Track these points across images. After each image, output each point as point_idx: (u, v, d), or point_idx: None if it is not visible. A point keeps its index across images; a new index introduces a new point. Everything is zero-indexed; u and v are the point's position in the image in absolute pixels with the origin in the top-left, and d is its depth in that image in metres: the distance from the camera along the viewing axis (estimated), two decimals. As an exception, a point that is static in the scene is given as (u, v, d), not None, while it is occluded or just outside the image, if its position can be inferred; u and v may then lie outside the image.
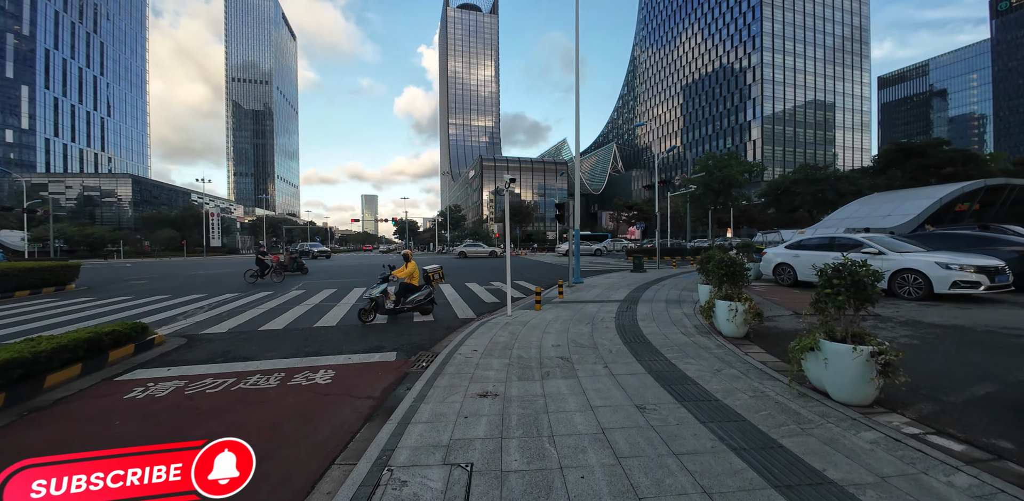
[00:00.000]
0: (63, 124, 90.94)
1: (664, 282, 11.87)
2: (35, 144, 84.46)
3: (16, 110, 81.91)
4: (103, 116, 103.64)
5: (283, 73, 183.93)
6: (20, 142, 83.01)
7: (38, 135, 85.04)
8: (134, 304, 10.21)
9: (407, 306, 7.70)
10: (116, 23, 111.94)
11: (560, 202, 11.17)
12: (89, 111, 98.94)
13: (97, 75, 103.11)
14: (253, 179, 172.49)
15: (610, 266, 20.72)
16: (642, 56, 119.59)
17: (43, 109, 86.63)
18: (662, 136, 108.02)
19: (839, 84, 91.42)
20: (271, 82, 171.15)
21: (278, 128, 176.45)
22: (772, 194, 29.48)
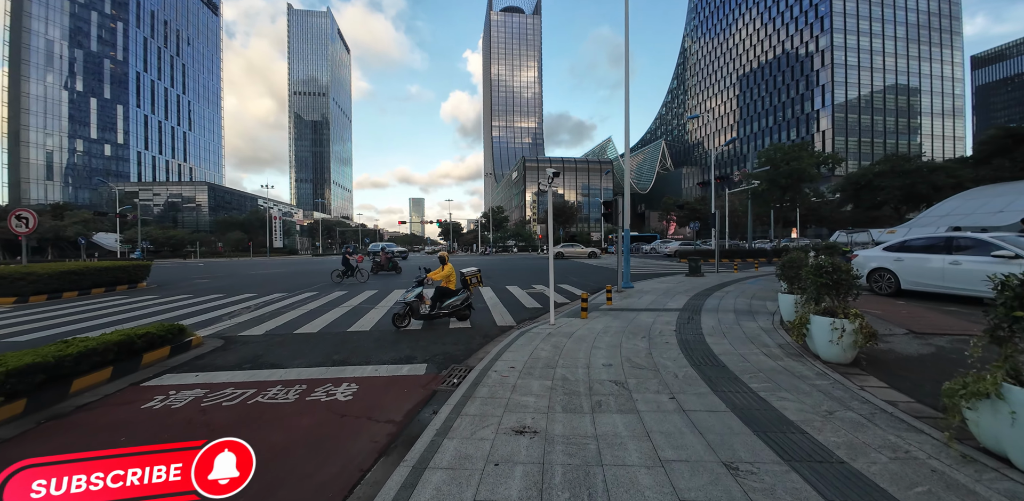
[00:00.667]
0: (152, 138, 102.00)
1: (727, 288, 10.55)
2: (128, 156, 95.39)
3: (113, 127, 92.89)
4: (185, 130, 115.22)
5: (338, 85, 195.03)
6: (116, 155, 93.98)
7: (131, 149, 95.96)
8: (190, 302, 10.61)
9: (443, 312, 7.21)
10: (195, 46, 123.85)
11: (608, 200, 10.25)
12: (173, 126, 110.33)
13: (180, 94, 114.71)
14: (312, 185, 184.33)
15: (661, 269, 19.26)
16: (693, 47, 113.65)
17: (135, 125, 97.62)
18: (716, 130, 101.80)
19: (925, 65, 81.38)
20: (328, 94, 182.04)
21: (334, 136, 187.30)
22: (850, 189, 25.99)
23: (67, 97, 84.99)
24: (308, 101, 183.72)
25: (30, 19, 79.56)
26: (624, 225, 10.68)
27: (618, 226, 10.36)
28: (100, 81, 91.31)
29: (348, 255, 15.53)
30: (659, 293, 9.93)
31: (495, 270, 20.37)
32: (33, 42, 79.71)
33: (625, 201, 10.62)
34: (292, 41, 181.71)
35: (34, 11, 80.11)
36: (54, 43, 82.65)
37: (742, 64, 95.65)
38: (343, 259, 15.29)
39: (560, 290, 11.69)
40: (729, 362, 4.35)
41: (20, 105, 79.19)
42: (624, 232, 10.76)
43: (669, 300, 8.79)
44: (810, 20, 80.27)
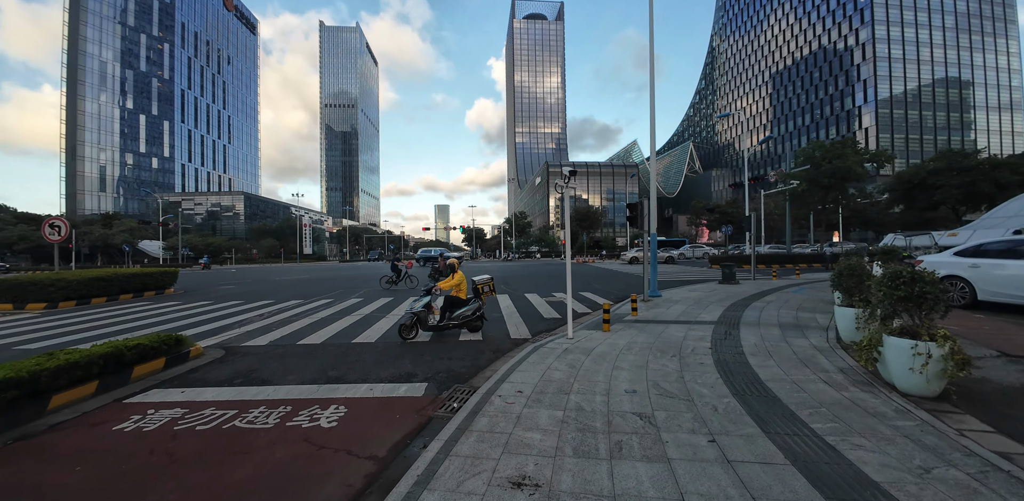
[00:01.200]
0: (195, 151, 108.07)
1: (767, 298, 9.57)
2: (174, 169, 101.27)
3: (159, 141, 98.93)
4: (224, 143, 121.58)
5: (367, 96, 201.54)
6: (162, 167, 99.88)
7: (176, 161, 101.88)
8: (208, 309, 10.59)
9: (453, 323, 6.72)
10: (235, 64, 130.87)
11: (632, 202, 9.53)
12: (214, 139, 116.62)
13: (220, 109, 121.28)
14: (341, 193, 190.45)
15: (691, 275, 18.16)
16: (722, 45, 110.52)
17: (180, 139, 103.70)
18: (747, 131, 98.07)
19: (977, 56, 75.83)
20: (357, 105, 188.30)
21: (362, 146, 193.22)
22: (901, 189, 23.78)
23: (119, 114, 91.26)
24: (338, 113, 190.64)
25: (85, 42, 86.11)
26: (651, 229, 9.92)
27: (644, 230, 9.61)
28: (148, 99, 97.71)
29: (396, 262, 15.47)
30: (690, 303, 9.09)
31: (515, 277, 19.82)
32: (88, 64, 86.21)
33: (651, 203, 9.87)
34: (324, 56, 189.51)
35: (89, 35, 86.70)
36: (107, 64, 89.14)
37: (775, 61, 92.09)
38: (392, 265, 15.21)
39: (581, 299, 10.99)
40: (781, 391, 3.61)
41: (76, 122, 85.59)
42: (650, 236, 10.00)
43: (702, 311, 7.97)
44: (848, 12, 76.52)
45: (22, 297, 10.64)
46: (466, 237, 77.67)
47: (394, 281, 14.87)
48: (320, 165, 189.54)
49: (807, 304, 8.36)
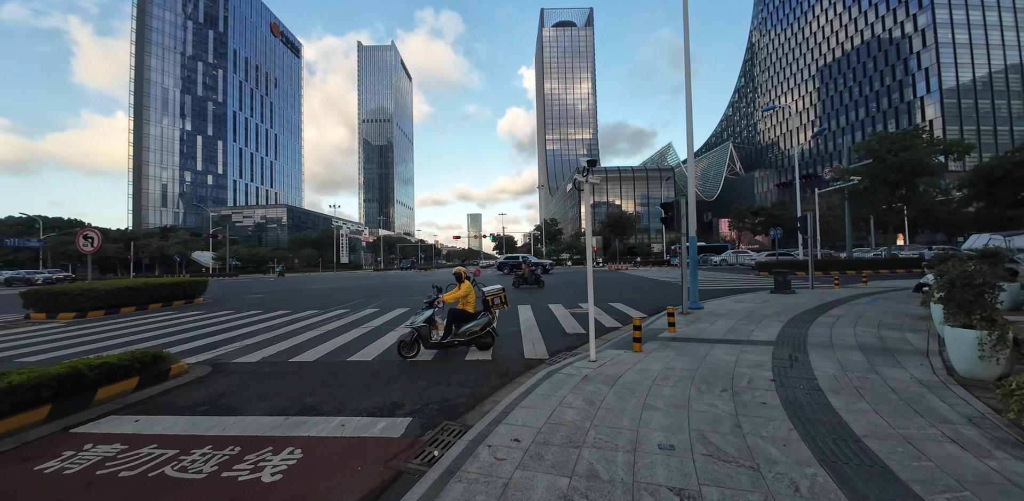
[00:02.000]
0: (245, 168, 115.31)
1: (834, 311, 8.09)
2: (226, 184, 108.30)
3: (214, 159, 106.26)
4: (271, 160, 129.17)
5: (401, 110, 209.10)
6: (216, 184, 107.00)
7: (228, 178, 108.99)
8: (225, 319, 10.39)
9: (459, 340, 5.91)
10: (280, 86, 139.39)
11: (667, 202, 8.42)
12: (262, 156, 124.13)
13: (267, 128, 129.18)
14: (377, 204, 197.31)
15: (736, 283, 16.46)
16: (762, 41, 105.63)
17: (232, 157, 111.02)
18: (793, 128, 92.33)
19: (1060, 36, 67.93)
20: (392, 120, 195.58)
21: (397, 159, 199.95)
22: (980, 184, 20.70)
23: (178, 136, 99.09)
24: (375, 127, 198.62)
25: (149, 71, 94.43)
26: (689, 231, 8.73)
27: (681, 232, 8.45)
28: (204, 121, 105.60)
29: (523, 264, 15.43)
30: (738, 316, 7.80)
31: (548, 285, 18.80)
32: (152, 91, 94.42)
33: (690, 203, 8.71)
34: (361, 74, 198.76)
35: (153, 64, 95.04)
36: (168, 90, 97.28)
37: (822, 53, 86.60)
38: (515, 267, 14.95)
39: (611, 310, 9.88)
40: (891, 458, 2.48)
41: (142, 144, 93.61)
42: (689, 239, 8.80)
43: (754, 327, 6.70)
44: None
45: (54, 307, 10.88)
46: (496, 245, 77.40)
47: (523, 280, 14.60)
48: (358, 178, 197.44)
49: (889, 319, 6.88)
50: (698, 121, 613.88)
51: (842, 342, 5.41)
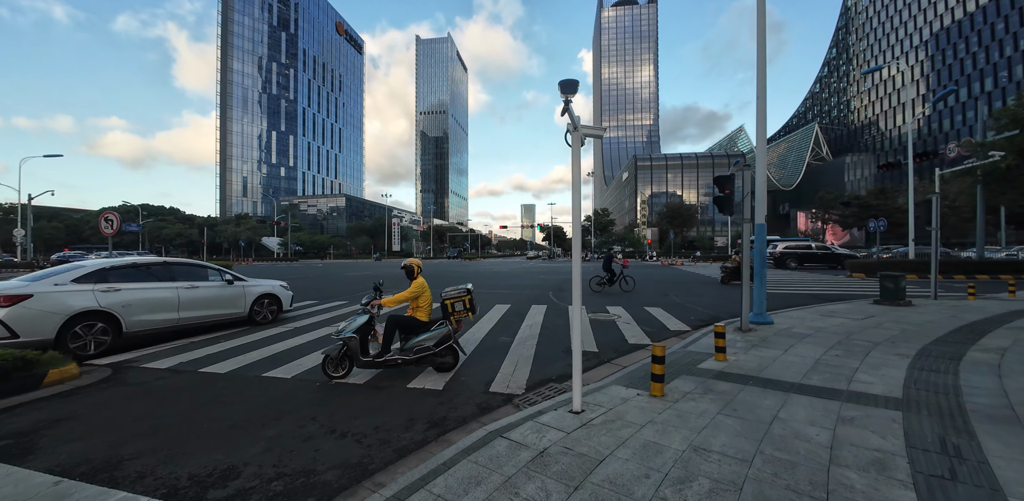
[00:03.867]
0: (312, 160, 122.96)
1: (989, 341, 5.33)
2: (297, 176, 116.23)
3: (286, 153, 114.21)
4: (336, 153, 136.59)
5: (456, 102, 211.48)
6: (288, 176, 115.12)
7: (299, 170, 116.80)
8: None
9: (403, 357, 4.28)
10: (344, 82, 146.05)
11: (724, 175, 6.06)
12: (328, 149, 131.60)
13: (332, 122, 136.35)
14: (433, 194, 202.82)
15: (823, 287, 13.19)
16: (861, 2, 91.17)
17: (302, 151, 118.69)
18: (895, 105, 79.11)
19: None
20: (448, 111, 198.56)
21: (452, 149, 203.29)
22: None
23: (256, 132, 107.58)
24: (431, 119, 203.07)
25: (232, 73, 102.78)
26: (756, 216, 6.31)
27: (744, 218, 6.07)
28: (278, 118, 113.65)
29: (611, 260, 12.73)
30: (829, 341, 5.35)
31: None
32: (235, 91, 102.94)
33: (758, 180, 6.27)
34: (419, 68, 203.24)
35: (235, 67, 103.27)
36: (248, 90, 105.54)
37: (937, 14, 72.71)
38: (604, 263, 12.58)
39: (644, 318, 7.70)
40: None
41: (227, 141, 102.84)
42: (756, 227, 6.37)
43: (858, 364, 4.32)
44: (1062, -66, 57.18)
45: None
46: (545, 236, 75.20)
47: (606, 282, 12.20)
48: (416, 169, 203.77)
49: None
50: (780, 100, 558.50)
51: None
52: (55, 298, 5.22)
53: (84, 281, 5.60)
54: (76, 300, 5.36)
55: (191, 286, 6.64)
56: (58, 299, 5.23)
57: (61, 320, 5.16)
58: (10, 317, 4.86)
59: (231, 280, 7.27)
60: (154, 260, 6.61)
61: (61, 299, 5.26)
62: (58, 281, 5.44)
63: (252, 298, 7.49)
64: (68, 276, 5.56)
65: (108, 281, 5.82)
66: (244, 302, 7.35)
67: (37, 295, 5.10)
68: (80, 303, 5.37)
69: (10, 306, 4.89)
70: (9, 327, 4.84)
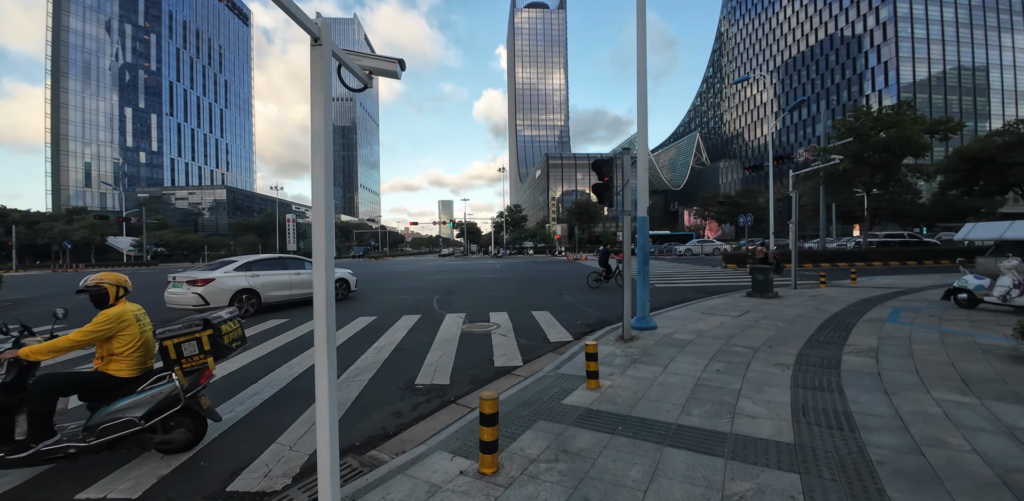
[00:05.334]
0: (184, 145, 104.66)
1: (859, 340, 5.23)
2: (162, 163, 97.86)
3: (147, 135, 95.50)
4: (217, 138, 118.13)
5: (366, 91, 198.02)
6: (151, 162, 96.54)
7: (165, 156, 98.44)
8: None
9: (77, 445, 2.47)
10: (227, 56, 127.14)
11: (603, 160, 5.20)
12: (205, 133, 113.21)
13: (211, 102, 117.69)
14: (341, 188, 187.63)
15: (705, 279, 13.75)
16: (730, 30, 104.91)
17: (168, 133, 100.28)
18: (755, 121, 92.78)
19: (1005, 37, 70.41)
20: (355, 98, 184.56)
21: (361, 141, 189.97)
22: (962, 169, 19.01)
23: (103, 107, 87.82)
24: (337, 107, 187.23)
25: (68, 33, 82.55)
26: (638, 209, 5.59)
27: (620, 212, 5.27)
28: (135, 92, 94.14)
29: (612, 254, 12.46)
30: (710, 349, 4.76)
31: (475, 281, 15.49)
32: (73, 56, 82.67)
33: (640, 171, 5.56)
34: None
35: (72, 25, 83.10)
36: (91, 56, 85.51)
37: (786, 45, 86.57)
38: (601, 258, 12.20)
39: (526, 327, 6.66)
40: None
41: (60, 116, 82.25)
42: (638, 220, 5.65)
43: (739, 382, 3.63)
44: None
45: None
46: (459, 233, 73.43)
47: (603, 278, 11.94)
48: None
49: (971, 366, 3.99)
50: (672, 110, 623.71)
51: (944, 449, 2.38)
52: (226, 280, 8.18)
53: (240, 270, 8.53)
54: (237, 281, 8.30)
55: (296, 273, 9.39)
56: (228, 281, 8.20)
57: (230, 294, 8.09)
58: (205, 292, 7.80)
59: None
60: (275, 256, 9.55)
61: (229, 281, 8.22)
62: (226, 270, 8.35)
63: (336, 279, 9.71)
64: (231, 267, 8.51)
65: (252, 270, 8.72)
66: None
67: (217, 278, 8.08)
68: (240, 283, 8.30)
69: (204, 285, 7.86)
70: (204, 298, 7.74)
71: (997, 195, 19.62)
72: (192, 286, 7.79)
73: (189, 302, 7.72)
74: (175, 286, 8.00)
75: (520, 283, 14.22)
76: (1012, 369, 3.58)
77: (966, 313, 6.30)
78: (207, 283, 7.85)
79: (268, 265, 9.08)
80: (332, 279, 1.77)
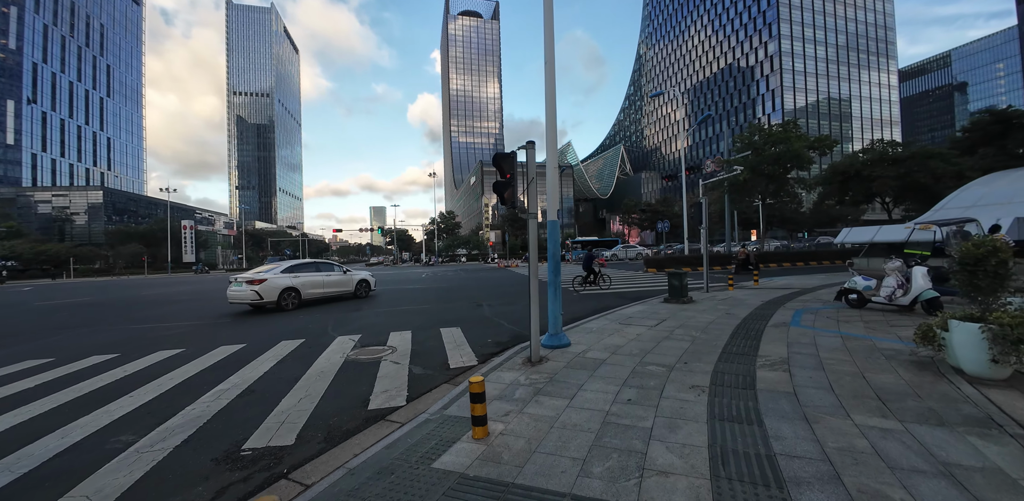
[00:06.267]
0: (52, 139, 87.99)
1: (770, 349, 5.04)
2: (20, 159, 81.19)
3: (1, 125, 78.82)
4: (95, 131, 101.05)
5: (285, 86, 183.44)
6: (4, 158, 79.74)
7: (24, 150, 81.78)
8: None
9: None
10: (110, 37, 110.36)
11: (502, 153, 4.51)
12: (80, 126, 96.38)
13: (89, 89, 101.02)
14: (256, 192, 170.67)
15: (626, 284, 13.82)
16: (648, 54, 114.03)
17: (29, 124, 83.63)
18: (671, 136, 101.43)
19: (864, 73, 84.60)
20: (273, 95, 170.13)
21: (280, 141, 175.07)
22: (836, 181, 22.16)
23: (-73, 87, 70.95)
24: (252, 103, 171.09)
25: None
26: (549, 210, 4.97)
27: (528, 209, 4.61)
28: (-21, 71, 77.51)
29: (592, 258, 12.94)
30: (623, 371, 4.20)
31: (393, 292, 14.11)
32: None
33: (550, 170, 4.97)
34: (232, 38, 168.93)
35: None
36: (-93, 22, 68.79)
37: (695, 70, 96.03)
38: (584, 262, 12.57)
39: (427, 348, 5.70)
40: None
41: None
42: (549, 225, 5.03)
43: (651, 420, 3.05)
44: (759, 27, 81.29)
45: None
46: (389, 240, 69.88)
47: (588, 281, 12.28)
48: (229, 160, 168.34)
49: (881, 376, 3.82)
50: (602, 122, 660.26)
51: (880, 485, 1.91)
52: (276, 280, 10.07)
53: (285, 272, 10.44)
54: (284, 281, 10.21)
55: (328, 274, 11.51)
56: (277, 281, 10.08)
57: (279, 291, 9.98)
58: (261, 289, 9.68)
59: (345, 271, 12.05)
60: (310, 261, 11.69)
61: (278, 281, 10.10)
62: (275, 272, 10.28)
63: (356, 281, 12.14)
64: (278, 269, 10.48)
65: (294, 272, 10.65)
66: (352, 284, 11.91)
67: (269, 279, 9.98)
68: (286, 282, 10.21)
69: (260, 284, 9.71)
70: (259, 294, 9.63)
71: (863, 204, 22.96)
72: (250, 285, 9.69)
73: (248, 297, 9.71)
74: (236, 285, 9.86)
75: (441, 294, 13.16)
76: (919, 378, 3.43)
77: (858, 313, 6.58)
78: (262, 282, 9.78)
79: (306, 268, 11.08)
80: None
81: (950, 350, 3.36)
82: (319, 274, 11.11)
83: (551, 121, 5.18)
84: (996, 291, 3.04)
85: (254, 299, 9.55)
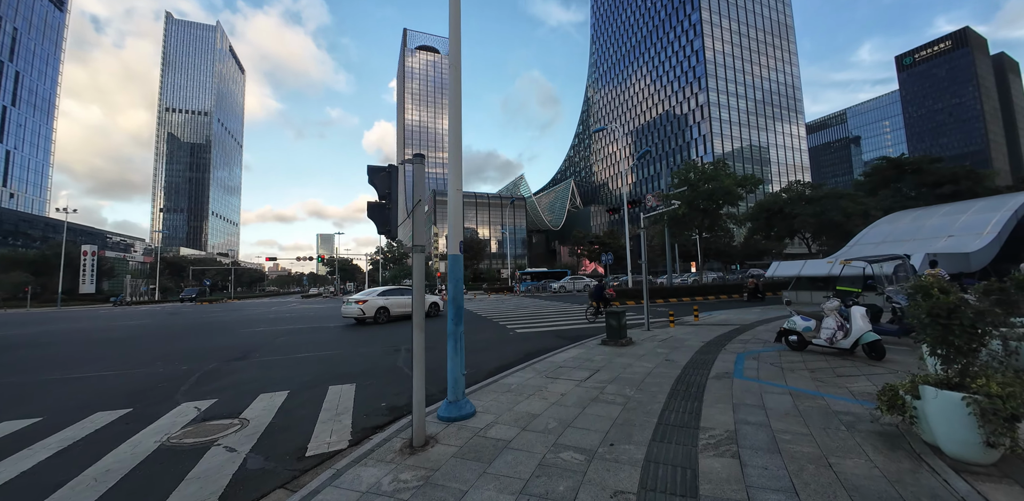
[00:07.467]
0: (-74, 148, 76.14)
1: (718, 418, 4.22)
2: None
3: None
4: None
5: (226, 104, 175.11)
6: None
7: None
8: None
9: None
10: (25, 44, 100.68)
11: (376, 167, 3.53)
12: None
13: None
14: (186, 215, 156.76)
15: (566, 320, 12.97)
16: (595, 97, 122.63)
17: (-103, 130, 72.16)
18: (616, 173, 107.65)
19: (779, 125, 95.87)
20: (211, 114, 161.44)
21: (217, 161, 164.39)
22: (762, 217, 23.91)
23: None
24: (187, 121, 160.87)
25: None
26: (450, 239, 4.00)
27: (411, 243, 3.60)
28: None
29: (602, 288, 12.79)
30: (528, 461, 3.13)
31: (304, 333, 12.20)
32: None
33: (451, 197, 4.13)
34: (169, 53, 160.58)
35: None
36: None
37: (637, 114, 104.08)
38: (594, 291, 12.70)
39: (289, 423, 4.30)
40: None
41: None
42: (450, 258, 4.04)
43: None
44: (690, 79, 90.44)
45: None
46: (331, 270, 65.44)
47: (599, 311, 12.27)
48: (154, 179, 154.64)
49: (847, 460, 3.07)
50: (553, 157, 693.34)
51: None
52: (373, 301, 13.78)
53: (380, 295, 14.19)
54: (378, 302, 13.86)
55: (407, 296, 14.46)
56: (375, 301, 13.81)
57: (375, 308, 13.61)
58: (364, 307, 13.47)
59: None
60: (398, 287, 15.95)
61: (376, 301, 13.81)
62: (372, 295, 14.10)
63: (429, 303, 14.80)
64: (375, 292, 14.50)
65: (387, 295, 14.35)
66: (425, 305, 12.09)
67: (370, 300, 13.75)
68: (380, 303, 13.86)
69: (363, 304, 13.52)
70: (363, 311, 13.40)
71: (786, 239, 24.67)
72: (358, 304, 13.47)
73: (355, 313, 13.44)
74: (348, 305, 13.70)
75: (361, 335, 11.49)
76: (894, 465, 2.69)
77: (800, 358, 6.08)
78: (365, 302, 13.59)
79: (395, 292, 14.77)
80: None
81: (923, 423, 2.69)
82: (403, 297, 14.50)
83: (455, 132, 4.33)
84: (976, 350, 2.43)
85: (359, 315, 13.35)
